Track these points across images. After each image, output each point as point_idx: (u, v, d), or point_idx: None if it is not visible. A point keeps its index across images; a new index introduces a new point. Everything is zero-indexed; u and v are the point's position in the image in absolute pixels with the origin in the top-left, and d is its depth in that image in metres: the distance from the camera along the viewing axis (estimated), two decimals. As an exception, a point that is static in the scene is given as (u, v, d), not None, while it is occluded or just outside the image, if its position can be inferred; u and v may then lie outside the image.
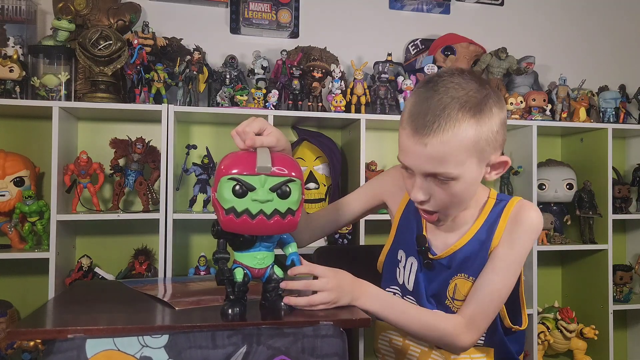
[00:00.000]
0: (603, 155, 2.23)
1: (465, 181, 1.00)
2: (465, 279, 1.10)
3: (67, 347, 0.77)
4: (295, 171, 0.92)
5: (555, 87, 2.32)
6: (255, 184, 0.87)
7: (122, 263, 2.00)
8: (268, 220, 0.88)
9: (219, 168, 0.89)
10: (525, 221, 1.07)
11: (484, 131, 0.98)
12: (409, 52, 2.41)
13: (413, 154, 0.99)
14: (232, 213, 0.86)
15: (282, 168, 0.90)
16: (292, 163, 0.92)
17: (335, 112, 2.01)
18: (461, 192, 1.02)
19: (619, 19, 2.67)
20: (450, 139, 0.96)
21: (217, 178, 0.88)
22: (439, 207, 1.04)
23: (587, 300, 2.33)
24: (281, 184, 0.89)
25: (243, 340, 0.83)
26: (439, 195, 1.02)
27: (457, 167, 0.98)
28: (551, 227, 2.22)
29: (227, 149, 2.14)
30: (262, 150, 0.91)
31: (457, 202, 1.05)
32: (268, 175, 0.88)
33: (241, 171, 0.87)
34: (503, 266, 1.06)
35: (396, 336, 1.23)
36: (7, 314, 1.85)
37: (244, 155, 0.90)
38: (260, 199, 0.87)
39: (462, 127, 0.96)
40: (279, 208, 0.89)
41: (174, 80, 1.95)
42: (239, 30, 2.23)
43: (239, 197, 0.86)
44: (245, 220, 0.86)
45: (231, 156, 0.91)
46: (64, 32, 1.89)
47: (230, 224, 0.87)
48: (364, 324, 0.93)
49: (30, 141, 2.00)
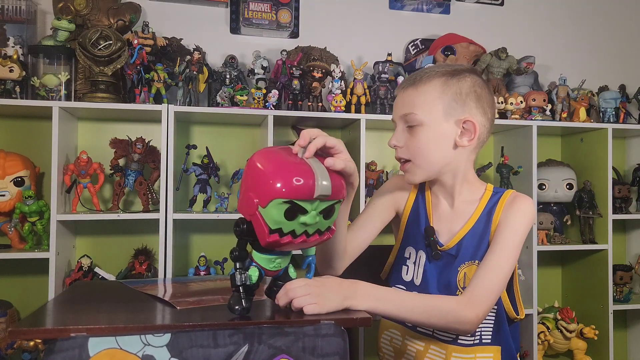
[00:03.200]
0: (603, 155, 2.24)
1: (430, 129, 1.14)
2: (472, 265, 1.15)
3: (69, 346, 0.76)
4: (343, 193, 0.89)
5: (555, 87, 2.32)
6: (308, 207, 0.83)
7: (122, 263, 2.00)
8: (308, 239, 0.87)
9: (267, 181, 0.81)
10: (519, 207, 1.16)
11: (451, 87, 1.14)
12: (409, 52, 2.41)
13: (395, 104, 1.20)
14: (277, 233, 0.83)
15: (335, 192, 0.86)
16: (341, 183, 0.88)
17: (335, 112, 2.01)
18: (427, 142, 1.14)
19: (619, 19, 2.67)
20: (421, 87, 1.15)
21: (267, 194, 0.81)
22: (409, 154, 1.16)
23: (587, 300, 2.33)
24: (330, 207, 0.87)
25: (244, 340, 0.83)
26: (409, 141, 1.16)
27: (424, 113, 1.13)
28: (551, 227, 2.22)
29: (227, 149, 2.15)
30: (321, 170, 0.85)
31: (425, 153, 1.15)
32: (322, 201, 0.85)
33: (298, 196, 0.81)
34: (501, 247, 1.12)
35: (396, 335, 1.23)
36: (7, 314, 1.84)
37: (300, 173, 0.82)
38: (309, 222, 0.84)
39: (433, 80, 1.15)
40: (321, 227, 0.88)
41: (174, 80, 1.95)
42: (239, 30, 2.23)
43: (289, 220, 0.83)
44: (289, 239, 0.84)
45: (283, 169, 0.82)
46: (64, 32, 1.89)
47: (272, 243, 0.84)
48: (364, 323, 0.93)
49: (30, 141, 2.00)
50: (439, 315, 1.05)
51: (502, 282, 1.10)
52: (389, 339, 1.25)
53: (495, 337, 1.17)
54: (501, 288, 1.11)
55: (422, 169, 1.17)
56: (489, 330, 1.18)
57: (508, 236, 1.13)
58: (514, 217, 1.14)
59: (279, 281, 0.94)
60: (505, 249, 1.11)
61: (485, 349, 1.17)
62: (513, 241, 1.13)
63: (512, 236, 1.13)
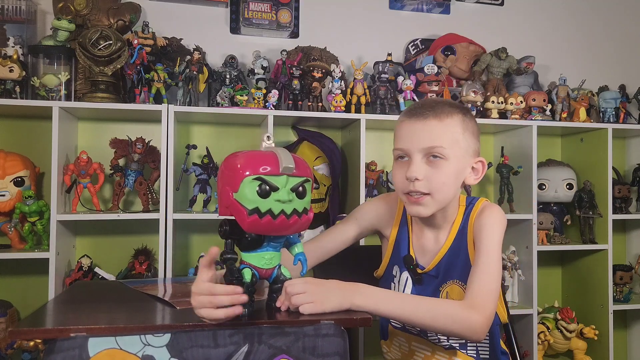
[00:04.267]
0: (603, 155, 2.23)
1: (452, 166, 1.13)
2: (454, 284, 1.17)
3: (69, 346, 0.77)
4: (309, 172, 0.94)
5: (555, 87, 2.32)
6: (278, 183, 0.88)
7: (122, 263, 2.00)
8: (288, 220, 0.89)
9: (236, 168, 0.88)
10: (489, 214, 1.17)
11: (468, 128, 1.16)
12: (409, 52, 2.41)
13: (412, 134, 1.13)
14: (255, 213, 0.86)
15: (300, 168, 0.91)
16: (305, 164, 0.94)
17: (335, 112, 2.01)
18: (448, 177, 1.13)
19: (619, 19, 2.67)
20: (445, 119, 1.13)
21: (237, 178, 0.87)
22: (431, 188, 1.12)
23: (587, 300, 2.33)
24: (300, 184, 0.90)
25: (244, 340, 0.83)
26: (432, 175, 1.12)
27: (450, 148, 1.12)
28: (551, 227, 2.22)
29: (227, 149, 2.15)
30: (282, 151, 0.91)
31: (445, 189, 1.14)
32: (289, 176, 0.89)
33: (266, 171, 0.87)
34: (485, 251, 1.13)
35: (403, 342, 1.25)
36: (7, 314, 1.84)
37: (264, 155, 0.90)
38: (283, 199, 0.87)
39: (454, 115, 1.14)
40: (297, 208, 0.90)
41: (174, 80, 1.95)
42: (239, 30, 2.23)
43: (263, 197, 0.87)
44: (269, 220, 0.87)
45: (248, 156, 0.90)
46: (64, 32, 1.89)
47: (254, 225, 0.87)
48: (364, 323, 0.94)
49: (30, 141, 2.00)
50: (444, 318, 1.03)
51: (496, 284, 1.11)
52: (397, 345, 1.27)
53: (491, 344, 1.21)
54: (497, 289, 1.11)
55: (438, 204, 1.16)
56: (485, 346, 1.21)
57: (487, 240, 1.14)
58: (486, 222, 1.16)
59: (277, 285, 0.94)
60: (489, 252, 1.12)
61: None
62: (493, 244, 1.13)
63: (490, 239, 1.14)
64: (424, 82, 2.12)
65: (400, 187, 1.16)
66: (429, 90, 2.11)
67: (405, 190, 1.14)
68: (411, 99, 2.08)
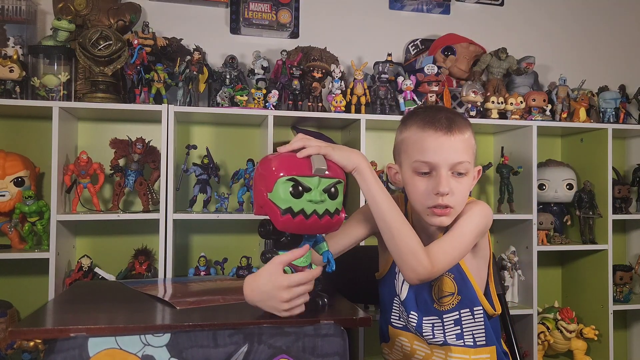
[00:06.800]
0: (603, 156, 2.23)
1: (470, 179, 1.19)
2: (444, 277, 1.20)
3: (69, 346, 0.77)
4: (342, 174, 0.99)
5: (555, 87, 2.32)
6: (311, 184, 0.92)
7: (122, 263, 2.00)
8: (320, 220, 0.93)
9: (271, 169, 0.92)
10: (472, 205, 1.21)
11: (473, 138, 1.22)
12: (409, 52, 2.41)
13: (440, 148, 1.15)
14: (288, 213, 0.90)
15: (333, 170, 0.96)
16: (337, 166, 1.00)
17: (335, 112, 2.01)
18: (467, 190, 1.19)
19: (619, 19, 2.67)
20: (466, 135, 1.18)
21: (272, 178, 0.91)
22: (456, 202, 1.16)
23: (587, 300, 2.33)
24: (332, 185, 0.95)
25: (244, 340, 0.83)
26: (457, 189, 1.16)
27: (470, 160, 1.18)
28: (551, 227, 2.22)
29: (228, 149, 2.15)
30: (318, 156, 0.96)
31: (464, 201, 1.19)
32: (322, 177, 0.94)
33: (299, 173, 0.92)
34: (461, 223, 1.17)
35: (405, 342, 1.26)
36: (7, 314, 1.84)
37: (296, 158, 0.94)
38: (315, 200, 0.91)
39: (469, 129, 1.21)
40: (329, 208, 0.94)
41: (174, 81, 1.95)
42: (239, 30, 2.23)
43: (296, 197, 0.90)
44: (301, 220, 0.91)
45: (283, 157, 0.94)
46: (64, 32, 1.89)
47: (287, 224, 0.91)
48: (364, 323, 0.94)
49: (30, 141, 2.00)
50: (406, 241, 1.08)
51: (457, 253, 1.14)
52: (399, 346, 1.28)
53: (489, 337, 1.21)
54: (455, 258, 1.14)
55: (456, 214, 1.19)
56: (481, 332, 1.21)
57: (464, 221, 1.17)
58: (467, 209, 1.19)
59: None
60: (462, 228, 1.16)
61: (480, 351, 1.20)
62: (467, 224, 1.17)
63: (468, 221, 1.17)
64: (424, 83, 2.12)
65: (424, 201, 1.17)
66: (429, 91, 2.11)
67: (431, 204, 1.16)
68: (411, 99, 2.08)
